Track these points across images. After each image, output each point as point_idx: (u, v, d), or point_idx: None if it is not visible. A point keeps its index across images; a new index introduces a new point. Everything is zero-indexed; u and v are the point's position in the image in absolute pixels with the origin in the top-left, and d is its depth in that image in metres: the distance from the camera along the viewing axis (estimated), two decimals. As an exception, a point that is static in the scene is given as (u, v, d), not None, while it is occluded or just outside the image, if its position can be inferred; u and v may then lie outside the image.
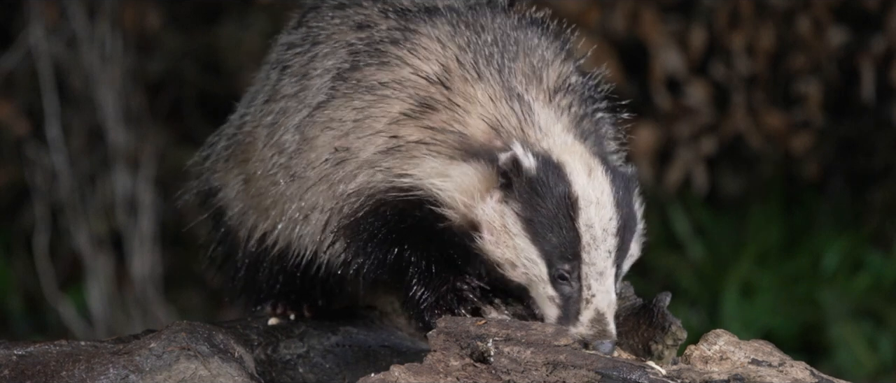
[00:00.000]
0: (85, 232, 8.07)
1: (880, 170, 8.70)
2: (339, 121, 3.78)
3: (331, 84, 3.84)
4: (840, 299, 8.10)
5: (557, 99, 3.74)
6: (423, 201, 3.66)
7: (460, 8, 3.91)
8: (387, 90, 3.75)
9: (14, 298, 8.40)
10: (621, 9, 7.73)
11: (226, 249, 4.27)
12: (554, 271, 3.57)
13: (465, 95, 3.71)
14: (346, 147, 3.76)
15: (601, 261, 3.57)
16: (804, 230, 8.52)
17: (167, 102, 8.49)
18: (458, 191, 3.63)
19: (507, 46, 3.80)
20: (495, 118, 3.67)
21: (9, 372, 3.49)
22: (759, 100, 8.00)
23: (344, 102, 3.79)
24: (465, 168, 3.64)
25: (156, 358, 3.49)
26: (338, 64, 3.87)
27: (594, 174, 3.59)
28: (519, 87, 3.72)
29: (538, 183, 3.56)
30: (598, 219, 3.56)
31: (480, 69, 3.73)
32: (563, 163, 3.58)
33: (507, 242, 3.59)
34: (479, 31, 3.81)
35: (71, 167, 8.08)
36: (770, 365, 3.52)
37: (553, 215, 3.56)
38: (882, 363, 7.88)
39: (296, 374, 4.00)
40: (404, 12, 3.88)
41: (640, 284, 3.93)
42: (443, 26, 3.81)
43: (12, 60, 8.16)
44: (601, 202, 3.57)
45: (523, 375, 3.42)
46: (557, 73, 3.79)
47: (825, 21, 7.85)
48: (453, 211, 3.64)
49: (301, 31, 4.09)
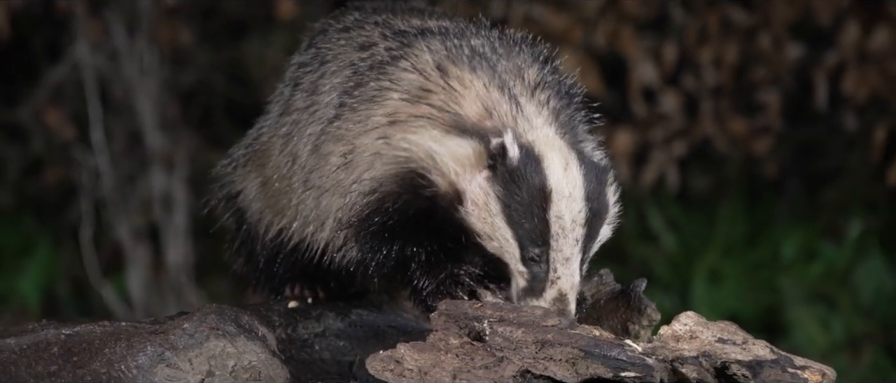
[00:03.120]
0: (125, 225, 8.07)
1: (832, 171, 8.70)
2: (346, 131, 3.78)
3: (338, 100, 3.85)
4: (796, 285, 8.10)
5: (538, 94, 3.73)
6: (413, 173, 3.64)
7: (450, 27, 3.91)
8: (386, 92, 3.75)
9: (63, 284, 8.41)
10: (602, 27, 7.72)
11: (247, 243, 4.27)
12: (525, 253, 3.57)
13: (460, 80, 3.70)
14: (353, 150, 3.75)
15: (568, 249, 3.56)
16: (765, 224, 8.52)
17: (198, 110, 8.49)
18: (450, 158, 3.61)
19: (495, 49, 3.80)
20: (489, 102, 3.67)
21: (58, 349, 3.50)
22: (725, 107, 7.99)
23: (351, 115, 3.79)
24: (459, 140, 3.63)
25: (188, 337, 3.50)
26: (343, 82, 3.88)
27: (569, 168, 3.57)
28: (508, 80, 3.72)
29: (518, 173, 3.55)
30: (568, 212, 3.55)
31: (473, 63, 3.73)
32: (542, 157, 3.56)
33: (487, 219, 3.58)
34: (469, 39, 3.81)
35: (113, 167, 8.08)
36: (734, 343, 3.52)
37: (528, 204, 3.55)
38: (833, 342, 7.88)
39: (312, 351, 4.00)
40: (402, 33, 3.89)
41: (619, 271, 3.93)
42: (434, 40, 3.81)
43: (61, 73, 8.16)
44: (573, 195, 3.56)
45: (515, 352, 3.42)
46: (536, 71, 3.78)
47: (783, 37, 7.85)
48: (442, 177, 3.62)
49: (311, 51, 4.10)
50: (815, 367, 3.50)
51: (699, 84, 7.94)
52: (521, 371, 3.40)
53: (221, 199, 4.35)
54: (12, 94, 8.50)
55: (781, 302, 8.06)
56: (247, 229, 4.24)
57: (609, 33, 7.73)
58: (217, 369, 3.48)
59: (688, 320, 3.55)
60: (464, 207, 3.60)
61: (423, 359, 3.43)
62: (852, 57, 7.78)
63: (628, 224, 8.31)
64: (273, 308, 4.08)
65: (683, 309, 3.63)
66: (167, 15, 7.99)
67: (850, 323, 7.94)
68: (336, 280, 4.14)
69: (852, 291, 8.09)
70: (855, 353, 7.84)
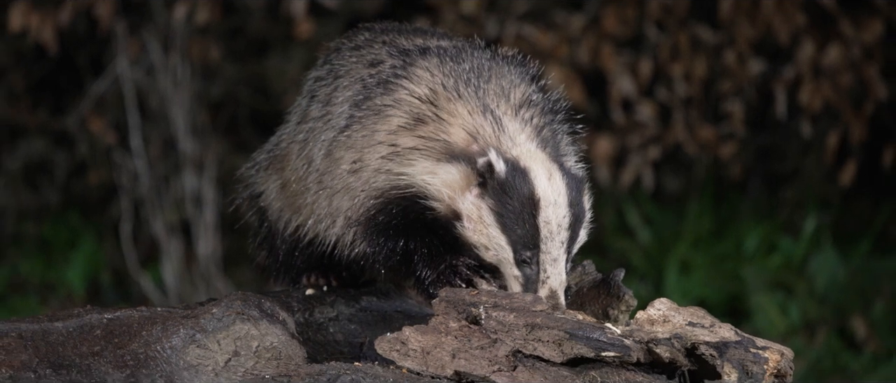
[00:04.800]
0: (160, 221, 8.07)
1: (790, 173, 8.69)
2: (355, 139, 3.78)
3: (349, 111, 3.85)
4: (758, 275, 8.09)
5: (522, 113, 3.72)
6: (416, 196, 3.65)
7: (447, 47, 3.91)
8: (389, 110, 3.75)
9: (105, 274, 8.40)
10: (585, 44, 7.72)
11: (268, 239, 4.27)
12: (518, 256, 3.57)
13: (448, 111, 3.70)
14: (361, 159, 3.76)
15: (555, 250, 3.56)
16: (729, 220, 8.52)
17: (225, 118, 8.49)
18: (443, 186, 3.62)
19: (482, 72, 3.79)
20: (473, 128, 3.67)
21: (100, 331, 3.50)
22: (694, 116, 7.99)
23: (359, 126, 3.79)
24: (449, 168, 3.63)
25: (217, 320, 3.49)
26: (354, 95, 3.88)
27: (553, 178, 3.57)
28: (491, 104, 3.71)
29: (507, 185, 3.55)
30: (555, 217, 3.55)
31: (460, 90, 3.72)
32: (528, 169, 3.57)
33: (482, 231, 3.59)
34: (461, 62, 3.80)
35: (149, 170, 8.08)
36: (703, 326, 3.52)
37: (519, 212, 3.55)
38: (791, 325, 7.88)
39: (327, 334, 3.99)
40: (405, 52, 3.89)
41: (600, 262, 3.92)
42: (432, 60, 3.81)
43: (103, 85, 8.16)
44: (558, 202, 3.56)
45: (507, 334, 3.42)
46: (522, 92, 3.77)
47: (746, 54, 7.84)
48: (439, 202, 3.63)
49: (326, 67, 4.10)
50: (774, 348, 3.50)
51: (671, 95, 7.94)
52: (513, 351, 3.40)
53: (245, 199, 4.35)
54: (60, 104, 8.50)
55: (744, 289, 8.05)
56: (268, 226, 4.23)
57: (591, 50, 7.73)
58: (242, 349, 3.47)
59: (661, 306, 3.55)
60: (461, 223, 3.61)
61: (426, 341, 3.43)
62: (808, 71, 7.78)
63: (608, 220, 8.31)
64: (292, 295, 4.07)
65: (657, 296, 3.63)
66: (198, 34, 7.99)
67: (806, 309, 7.94)
68: (347, 270, 4.14)
69: (808, 280, 8.09)
70: (810, 336, 7.84)
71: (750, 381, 3.43)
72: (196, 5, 7.67)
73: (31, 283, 8.32)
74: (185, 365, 3.43)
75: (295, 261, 4.15)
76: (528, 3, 7.80)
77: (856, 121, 7.87)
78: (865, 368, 7.60)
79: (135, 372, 3.42)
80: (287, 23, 7.83)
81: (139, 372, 3.42)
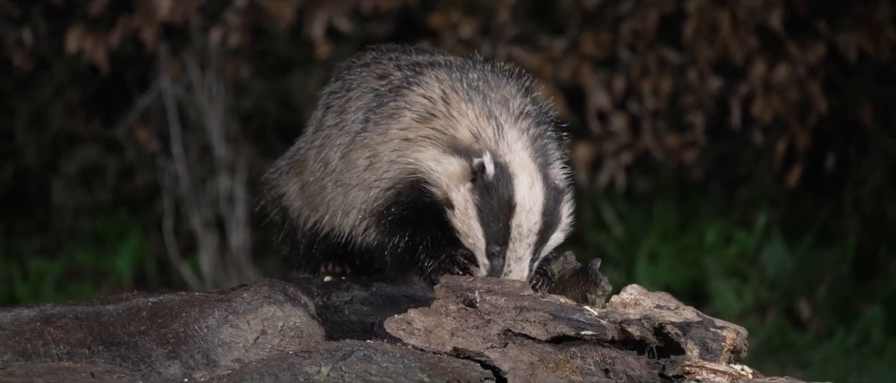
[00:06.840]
0: (198, 217, 8.06)
1: (744, 175, 8.69)
2: (371, 140, 3.77)
3: (364, 117, 3.82)
4: (717, 264, 8.09)
5: (520, 122, 3.70)
6: (420, 180, 3.63)
7: (453, 60, 3.90)
8: (402, 111, 3.73)
9: (149, 263, 8.40)
10: (567, 64, 7.73)
11: (290, 234, 4.24)
12: (489, 249, 3.56)
13: (458, 110, 3.67)
14: (375, 154, 3.73)
15: (521, 250, 3.55)
16: (692, 216, 8.52)
17: (254, 128, 8.48)
18: (444, 175, 3.60)
19: (487, 82, 3.77)
20: (477, 129, 3.65)
21: (146, 313, 3.49)
22: (661, 126, 7.99)
23: (374, 128, 3.78)
24: (452, 160, 3.61)
25: (247, 303, 3.49)
26: (367, 103, 3.85)
27: (534, 188, 3.55)
28: (495, 111, 3.69)
29: (493, 186, 3.54)
30: (526, 222, 3.54)
31: (470, 95, 3.70)
32: (513, 176, 3.55)
33: (465, 220, 3.57)
34: (467, 72, 3.79)
35: (188, 173, 8.08)
36: (669, 309, 3.52)
37: (496, 212, 3.53)
38: (745, 307, 7.87)
39: (343, 315, 3.99)
40: (414, 65, 3.87)
41: (579, 253, 3.92)
42: (441, 70, 3.80)
43: (148, 100, 8.16)
44: (532, 210, 3.54)
45: (499, 315, 3.42)
46: (519, 102, 3.75)
47: (706, 72, 7.85)
48: (437, 189, 3.61)
49: (339, 82, 4.07)
50: (730, 327, 3.50)
51: (641, 108, 7.94)
52: (504, 330, 3.40)
53: (270, 200, 4.33)
54: (111, 116, 8.50)
55: (705, 276, 8.05)
56: (289, 222, 4.21)
57: (572, 69, 7.73)
58: (269, 329, 3.47)
59: (633, 291, 3.55)
60: (451, 211, 3.59)
61: (428, 321, 3.43)
62: (759, 87, 7.78)
63: (586, 217, 8.31)
64: (312, 281, 4.06)
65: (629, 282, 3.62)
66: (231, 55, 7.99)
67: (758, 293, 7.94)
68: (361, 259, 4.13)
69: (760, 268, 8.09)
70: (762, 317, 7.84)
71: (709, 356, 3.43)
72: (229, 30, 7.67)
73: (85, 271, 8.32)
74: (220, 342, 3.43)
75: (314, 252, 4.13)
76: (516, 29, 7.80)
77: (801, 130, 7.88)
78: (809, 345, 7.61)
79: (176, 348, 3.42)
80: (308, 45, 7.83)
81: (179, 349, 3.42)
